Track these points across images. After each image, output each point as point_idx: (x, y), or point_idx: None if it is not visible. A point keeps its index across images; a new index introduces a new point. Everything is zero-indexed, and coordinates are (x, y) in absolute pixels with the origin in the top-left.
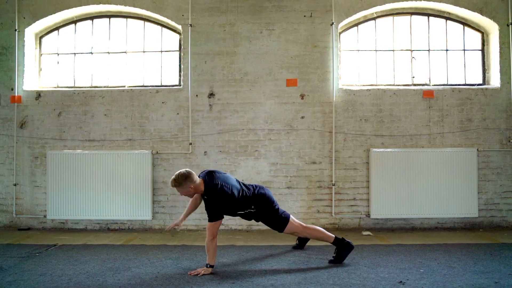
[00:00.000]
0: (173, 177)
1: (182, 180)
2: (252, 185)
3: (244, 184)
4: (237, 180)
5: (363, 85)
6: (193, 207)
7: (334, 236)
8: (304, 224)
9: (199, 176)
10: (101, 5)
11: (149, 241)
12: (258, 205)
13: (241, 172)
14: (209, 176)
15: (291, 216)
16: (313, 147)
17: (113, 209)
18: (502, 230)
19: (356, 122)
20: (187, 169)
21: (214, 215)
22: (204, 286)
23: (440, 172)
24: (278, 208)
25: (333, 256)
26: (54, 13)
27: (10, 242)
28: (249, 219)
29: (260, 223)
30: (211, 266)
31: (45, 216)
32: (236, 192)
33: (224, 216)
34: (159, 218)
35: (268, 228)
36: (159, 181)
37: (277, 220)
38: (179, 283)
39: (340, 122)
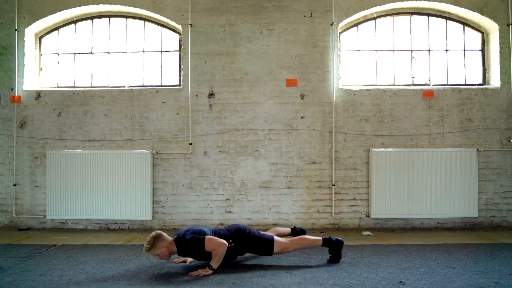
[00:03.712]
0: (145, 242)
1: (153, 241)
2: (226, 227)
3: (218, 229)
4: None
5: (363, 85)
6: None
7: (321, 238)
8: (288, 240)
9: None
10: (101, 5)
11: None
12: (235, 238)
13: (241, 172)
14: (178, 235)
15: (274, 235)
16: (313, 147)
17: (113, 209)
18: (502, 230)
19: (356, 122)
20: (156, 230)
21: (199, 237)
22: (204, 286)
23: (440, 172)
24: (259, 233)
25: (330, 256)
26: (54, 13)
27: (10, 242)
28: (233, 256)
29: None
30: (213, 269)
31: (45, 216)
32: (207, 231)
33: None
34: (159, 218)
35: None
36: (159, 181)
37: (261, 243)
38: (179, 283)
39: (340, 122)
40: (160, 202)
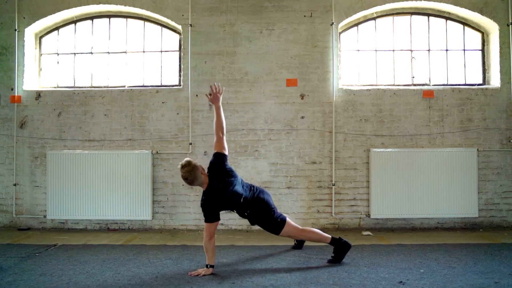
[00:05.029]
0: (185, 168)
1: (193, 170)
2: (254, 188)
3: (247, 186)
4: (241, 180)
5: (363, 85)
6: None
7: (330, 236)
8: (301, 227)
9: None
10: (101, 5)
11: (149, 241)
12: (254, 207)
13: (241, 172)
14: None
15: (288, 218)
16: (313, 147)
17: (113, 209)
18: (502, 230)
19: (356, 122)
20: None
21: (210, 217)
22: (204, 286)
23: (440, 172)
24: (275, 212)
25: (331, 256)
26: (54, 13)
27: (10, 242)
28: (244, 218)
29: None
30: (211, 266)
31: (45, 216)
32: (239, 180)
33: (222, 214)
34: (159, 218)
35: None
36: (159, 181)
37: (273, 223)
38: (179, 283)
39: (340, 122)
40: (160, 202)
